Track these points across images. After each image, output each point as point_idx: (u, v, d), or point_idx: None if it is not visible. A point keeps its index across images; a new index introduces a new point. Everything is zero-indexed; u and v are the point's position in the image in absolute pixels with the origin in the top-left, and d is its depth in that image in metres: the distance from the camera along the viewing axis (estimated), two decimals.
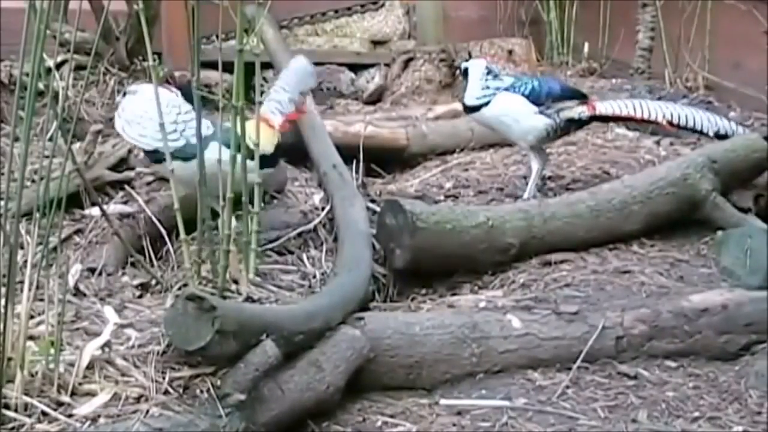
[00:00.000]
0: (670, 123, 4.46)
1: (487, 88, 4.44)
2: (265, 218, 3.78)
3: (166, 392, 2.72)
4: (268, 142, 3.69)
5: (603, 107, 4.49)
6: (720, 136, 4.44)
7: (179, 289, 3.35)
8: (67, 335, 2.93)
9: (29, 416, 2.59)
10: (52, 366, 2.70)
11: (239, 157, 3.38)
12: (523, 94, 4.42)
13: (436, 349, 3.25)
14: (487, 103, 4.44)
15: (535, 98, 4.42)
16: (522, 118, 4.41)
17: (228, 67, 3.45)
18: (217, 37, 3.62)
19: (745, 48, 5.82)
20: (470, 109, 4.53)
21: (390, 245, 3.86)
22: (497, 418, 3.05)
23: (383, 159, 5.07)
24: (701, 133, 4.51)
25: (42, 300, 2.87)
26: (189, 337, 2.66)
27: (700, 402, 3.15)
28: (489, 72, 4.47)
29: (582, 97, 4.54)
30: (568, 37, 6.85)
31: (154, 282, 3.49)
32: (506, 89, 4.44)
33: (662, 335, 3.38)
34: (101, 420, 2.61)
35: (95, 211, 3.72)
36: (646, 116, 4.46)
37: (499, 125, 4.50)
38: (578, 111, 4.45)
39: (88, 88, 5.07)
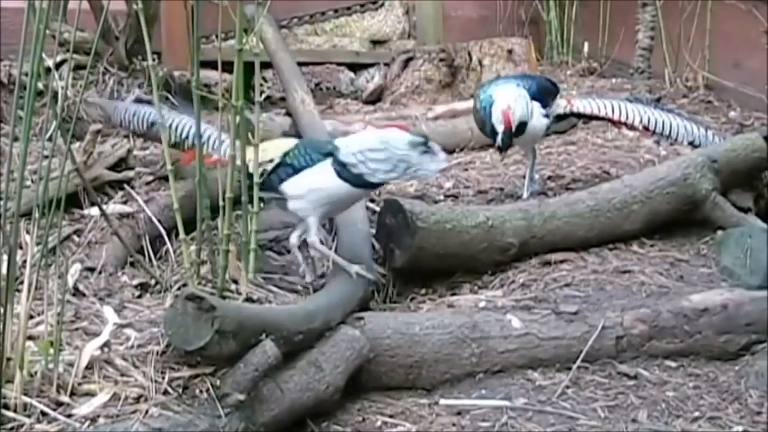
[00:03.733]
0: (646, 128, 4.46)
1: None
2: (264, 218, 3.78)
3: (165, 392, 2.72)
4: None
5: (581, 105, 4.48)
6: (694, 146, 4.44)
7: (179, 289, 3.35)
8: (66, 335, 2.93)
9: (28, 416, 2.59)
10: (51, 366, 2.70)
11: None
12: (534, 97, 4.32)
13: (436, 349, 3.24)
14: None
15: (540, 98, 4.37)
16: (535, 119, 4.34)
17: (227, 67, 3.45)
18: (216, 36, 3.62)
19: (745, 48, 5.82)
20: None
21: (389, 245, 3.85)
22: (497, 418, 3.05)
23: None
24: (675, 140, 4.51)
25: (41, 300, 2.86)
26: (188, 337, 2.66)
27: (700, 402, 3.15)
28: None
29: (557, 89, 4.52)
30: (568, 37, 6.86)
31: (153, 282, 3.49)
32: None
33: (662, 335, 3.38)
34: (101, 420, 2.60)
35: (94, 211, 3.72)
36: (623, 119, 4.45)
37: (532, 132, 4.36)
38: (562, 106, 4.43)
39: (88, 88, 5.07)
